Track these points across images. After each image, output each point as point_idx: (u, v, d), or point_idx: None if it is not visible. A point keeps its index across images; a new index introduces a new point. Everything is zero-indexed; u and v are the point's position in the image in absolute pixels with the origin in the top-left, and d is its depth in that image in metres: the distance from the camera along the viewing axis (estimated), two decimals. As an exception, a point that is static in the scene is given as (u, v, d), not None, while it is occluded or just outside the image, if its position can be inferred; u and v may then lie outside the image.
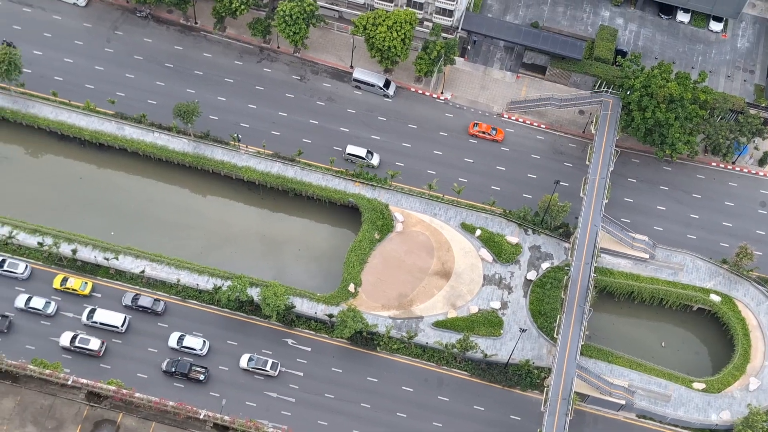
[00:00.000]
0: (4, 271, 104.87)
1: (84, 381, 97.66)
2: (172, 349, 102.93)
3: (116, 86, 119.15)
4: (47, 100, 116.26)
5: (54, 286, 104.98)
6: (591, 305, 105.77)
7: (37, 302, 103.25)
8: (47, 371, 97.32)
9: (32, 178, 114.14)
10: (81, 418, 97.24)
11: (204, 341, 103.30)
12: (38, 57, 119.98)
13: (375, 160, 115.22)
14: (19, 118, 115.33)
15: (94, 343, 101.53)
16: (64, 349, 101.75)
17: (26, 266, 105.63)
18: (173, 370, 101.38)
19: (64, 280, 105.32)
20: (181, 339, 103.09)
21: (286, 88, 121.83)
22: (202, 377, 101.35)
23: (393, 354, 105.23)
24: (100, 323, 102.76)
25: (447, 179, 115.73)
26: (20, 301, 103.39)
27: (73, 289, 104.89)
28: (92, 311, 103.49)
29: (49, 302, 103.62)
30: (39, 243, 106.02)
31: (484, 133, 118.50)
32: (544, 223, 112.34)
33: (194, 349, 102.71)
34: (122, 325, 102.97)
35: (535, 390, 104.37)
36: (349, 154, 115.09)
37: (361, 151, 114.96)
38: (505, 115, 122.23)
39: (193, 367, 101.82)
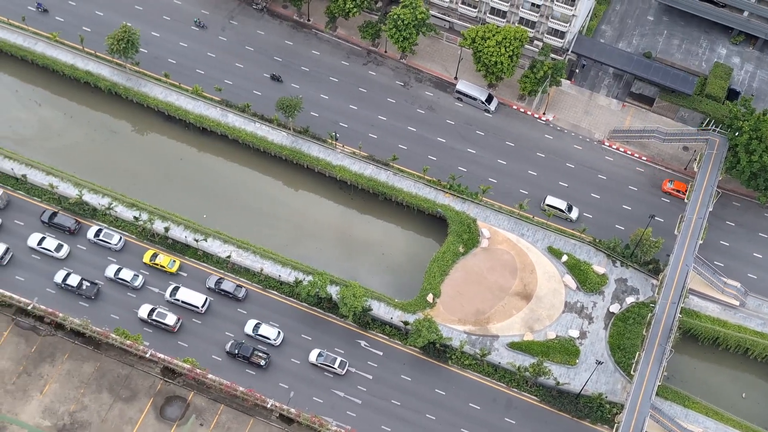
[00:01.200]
0: (100, 240, 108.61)
1: (161, 356, 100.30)
2: (248, 335, 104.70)
3: (225, 74, 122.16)
4: (159, 80, 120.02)
5: (144, 261, 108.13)
6: (673, 346, 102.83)
7: (126, 274, 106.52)
8: (128, 342, 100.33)
9: (136, 154, 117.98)
10: (154, 392, 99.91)
11: (279, 332, 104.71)
12: (155, 38, 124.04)
13: (574, 214, 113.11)
14: (131, 95, 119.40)
15: (171, 319, 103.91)
16: (142, 320, 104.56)
17: (120, 238, 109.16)
18: (236, 352, 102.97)
19: (154, 255, 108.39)
20: (257, 327, 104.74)
21: (388, 93, 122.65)
22: (263, 362, 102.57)
23: (464, 369, 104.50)
24: (182, 301, 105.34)
25: (539, 201, 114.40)
26: (110, 271, 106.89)
27: (161, 266, 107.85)
28: (176, 289, 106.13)
29: (137, 275, 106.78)
30: (135, 217, 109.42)
31: (677, 191, 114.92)
32: (634, 257, 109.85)
33: (269, 338, 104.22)
34: (202, 306, 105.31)
35: (605, 425, 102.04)
36: (548, 205, 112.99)
37: (561, 204, 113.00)
38: (606, 143, 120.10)
39: (256, 352, 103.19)
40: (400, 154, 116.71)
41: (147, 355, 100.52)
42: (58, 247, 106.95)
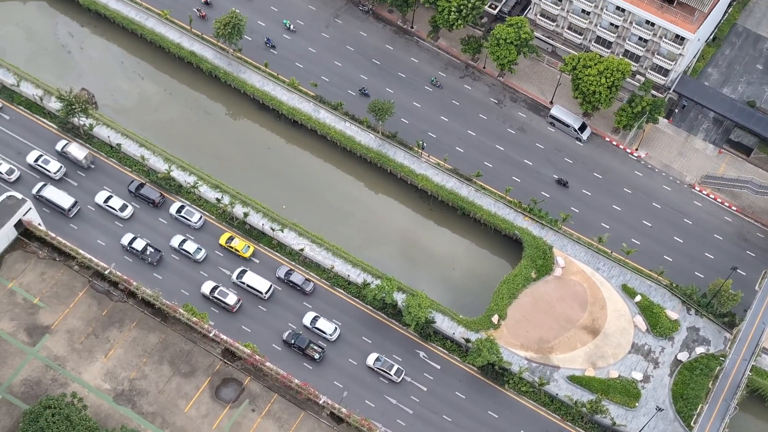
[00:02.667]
0: (181, 216, 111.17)
1: (224, 337, 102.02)
2: (305, 327, 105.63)
3: (323, 70, 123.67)
4: (258, 69, 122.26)
5: (219, 242, 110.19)
6: (738, 403, 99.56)
7: (190, 246, 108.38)
8: (194, 319, 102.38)
9: (226, 137, 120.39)
10: (212, 371, 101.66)
11: (336, 327, 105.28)
12: (260, 27, 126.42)
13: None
14: (230, 80, 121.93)
15: (231, 299, 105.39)
16: (203, 296, 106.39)
17: (200, 217, 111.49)
18: (292, 342, 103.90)
19: (230, 239, 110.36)
20: (315, 320, 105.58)
21: (481, 109, 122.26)
22: (317, 356, 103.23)
23: (520, 395, 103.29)
24: (248, 285, 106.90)
25: (619, 236, 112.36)
26: (175, 242, 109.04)
27: (235, 249, 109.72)
28: (243, 272, 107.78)
29: (200, 249, 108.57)
30: (217, 199, 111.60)
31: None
32: (710, 307, 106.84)
33: (325, 333, 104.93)
34: (266, 293, 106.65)
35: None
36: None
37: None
38: (697, 188, 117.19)
39: (311, 345, 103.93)
40: (484, 171, 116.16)
41: (210, 335, 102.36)
42: (123, 207, 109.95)
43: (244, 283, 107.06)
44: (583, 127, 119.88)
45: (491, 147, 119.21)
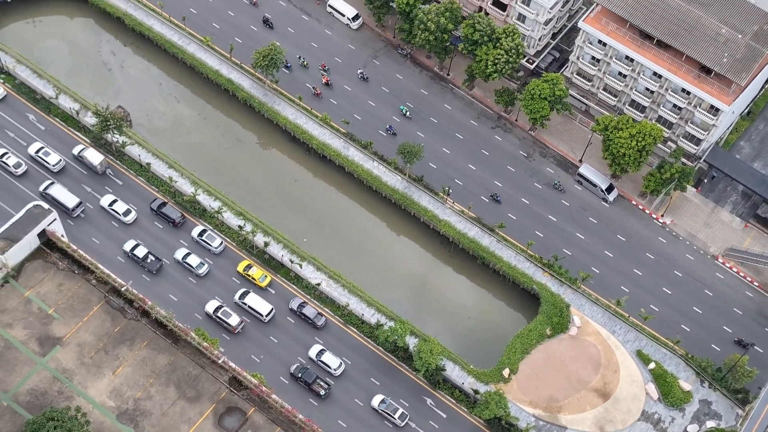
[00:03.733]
0: (202, 240, 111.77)
1: (232, 365, 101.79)
2: (310, 359, 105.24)
3: (356, 108, 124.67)
4: (292, 101, 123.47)
5: (238, 270, 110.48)
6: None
7: (193, 259, 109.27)
8: (204, 344, 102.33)
9: (255, 166, 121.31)
10: (217, 399, 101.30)
11: (341, 363, 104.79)
12: (299, 61, 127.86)
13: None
14: (264, 110, 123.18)
15: (234, 319, 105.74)
16: (207, 315, 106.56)
17: (221, 242, 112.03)
18: (299, 375, 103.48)
19: (248, 266, 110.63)
20: (321, 353, 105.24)
21: (509, 161, 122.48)
22: (322, 392, 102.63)
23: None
24: (249, 306, 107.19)
25: (638, 301, 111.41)
26: (179, 254, 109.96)
27: (253, 278, 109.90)
28: (245, 293, 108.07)
29: (203, 263, 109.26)
30: (239, 226, 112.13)
31: None
32: (724, 382, 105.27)
33: (330, 367, 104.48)
34: (266, 315, 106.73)
35: None
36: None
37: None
38: (720, 260, 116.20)
39: (317, 380, 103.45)
40: (508, 223, 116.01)
41: (219, 361, 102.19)
42: (127, 212, 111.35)
43: (245, 304, 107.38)
44: (610, 189, 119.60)
45: (516, 199, 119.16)
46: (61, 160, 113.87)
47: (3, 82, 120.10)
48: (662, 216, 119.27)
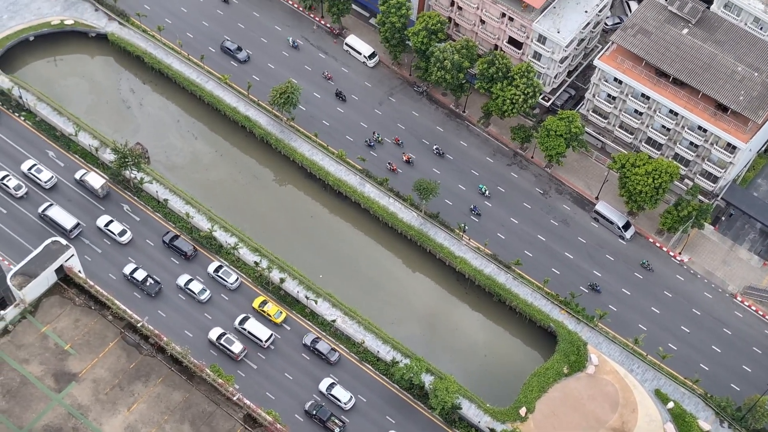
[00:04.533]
0: (218, 276, 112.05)
1: (247, 402, 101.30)
2: (320, 392, 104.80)
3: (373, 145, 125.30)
4: (308, 138, 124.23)
5: (253, 305, 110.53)
6: None
7: (195, 285, 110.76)
8: (220, 381, 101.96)
9: (271, 202, 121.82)
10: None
11: (351, 397, 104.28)
12: (315, 99, 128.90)
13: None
14: (280, 146, 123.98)
15: (237, 347, 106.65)
16: (210, 342, 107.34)
17: (237, 278, 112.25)
18: (314, 413, 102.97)
19: (264, 302, 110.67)
20: (331, 386, 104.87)
21: (526, 198, 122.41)
22: (337, 430, 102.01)
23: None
24: (249, 332, 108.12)
25: (656, 339, 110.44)
26: (181, 281, 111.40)
27: (268, 314, 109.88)
28: (245, 318, 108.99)
29: (205, 290, 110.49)
30: (255, 262, 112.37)
31: None
32: (744, 421, 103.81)
33: (340, 401, 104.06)
34: (266, 341, 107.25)
35: None
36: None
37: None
38: (739, 298, 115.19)
39: (332, 417, 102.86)
40: (524, 261, 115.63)
41: (234, 398, 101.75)
42: (122, 232, 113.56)
43: (245, 330, 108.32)
44: (627, 226, 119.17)
45: (533, 236, 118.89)
46: (52, 177, 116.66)
47: (24, 120, 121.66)
48: (680, 254, 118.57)
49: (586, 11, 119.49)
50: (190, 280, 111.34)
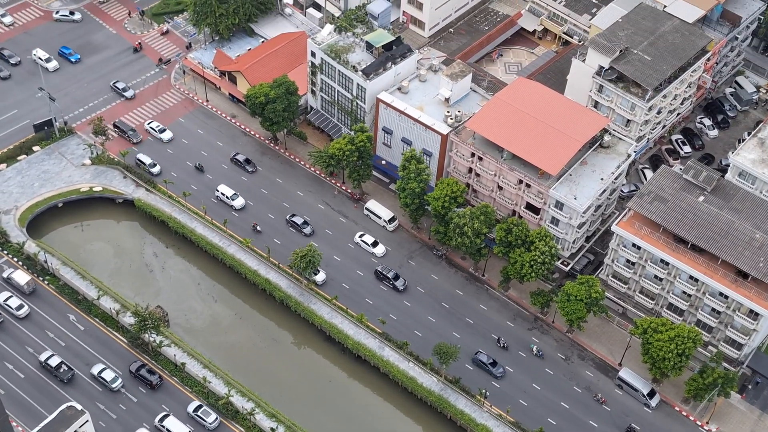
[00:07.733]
0: (197, 415, 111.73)
1: None
2: None
3: (391, 308, 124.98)
4: (328, 301, 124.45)
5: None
6: None
7: (108, 374, 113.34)
8: None
9: (289, 365, 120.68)
10: None
11: None
12: (337, 263, 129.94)
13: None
14: (300, 309, 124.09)
15: None
16: None
17: (216, 418, 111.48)
18: None
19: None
20: None
21: (547, 363, 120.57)
22: None
23: None
24: (167, 429, 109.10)
25: None
26: (95, 369, 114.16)
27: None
28: (165, 416, 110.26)
29: (117, 377, 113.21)
30: (272, 429, 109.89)
31: None
32: None
33: None
34: None
35: None
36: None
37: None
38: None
39: None
40: (547, 428, 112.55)
41: None
42: (19, 307, 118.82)
43: (164, 427, 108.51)
44: (652, 393, 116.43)
45: (556, 404, 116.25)
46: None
47: (48, 284, 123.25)
48: (707, 423, 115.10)
49: (602, 179, 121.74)
50: (103, 369, 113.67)
